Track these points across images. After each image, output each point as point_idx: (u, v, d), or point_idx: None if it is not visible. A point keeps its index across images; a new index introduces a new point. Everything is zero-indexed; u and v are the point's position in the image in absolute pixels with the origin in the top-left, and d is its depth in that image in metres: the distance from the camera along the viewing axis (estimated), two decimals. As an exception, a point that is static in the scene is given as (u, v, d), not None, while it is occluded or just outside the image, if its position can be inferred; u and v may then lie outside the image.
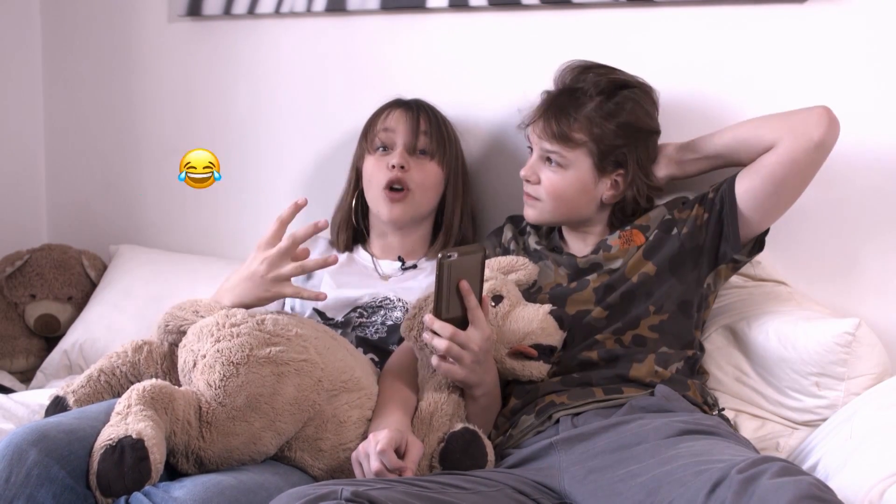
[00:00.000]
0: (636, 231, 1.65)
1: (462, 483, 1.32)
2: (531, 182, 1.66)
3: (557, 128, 1.60)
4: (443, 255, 1.40)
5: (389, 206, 1.77)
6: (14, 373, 2.22)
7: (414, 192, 1.78)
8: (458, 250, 1.42)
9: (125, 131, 2.38)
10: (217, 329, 1.41)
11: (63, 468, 1.22)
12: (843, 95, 1.70)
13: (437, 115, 1.85)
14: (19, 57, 2.44)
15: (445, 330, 1.43)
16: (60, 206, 2.51)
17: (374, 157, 1.80)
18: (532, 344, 1.52)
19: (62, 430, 1.26)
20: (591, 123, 1.60)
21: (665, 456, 1.28)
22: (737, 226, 1.58)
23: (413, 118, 1.80)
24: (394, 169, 1.76)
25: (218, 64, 2.24)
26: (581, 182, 1.63)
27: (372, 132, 1.82)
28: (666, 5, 1.81)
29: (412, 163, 1.78)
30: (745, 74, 1.77)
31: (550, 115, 1.62)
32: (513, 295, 1.57)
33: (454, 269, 1.42)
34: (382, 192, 1.77)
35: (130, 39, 2.34)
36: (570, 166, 1.62)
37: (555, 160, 1.63)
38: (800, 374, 1.59)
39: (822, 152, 1.53)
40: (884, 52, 1.67)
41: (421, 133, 1.79)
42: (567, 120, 1.60)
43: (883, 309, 1.69)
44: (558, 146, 1.61)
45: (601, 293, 1.60)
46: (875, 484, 1.22)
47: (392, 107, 1.84)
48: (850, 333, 1.54)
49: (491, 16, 1.96)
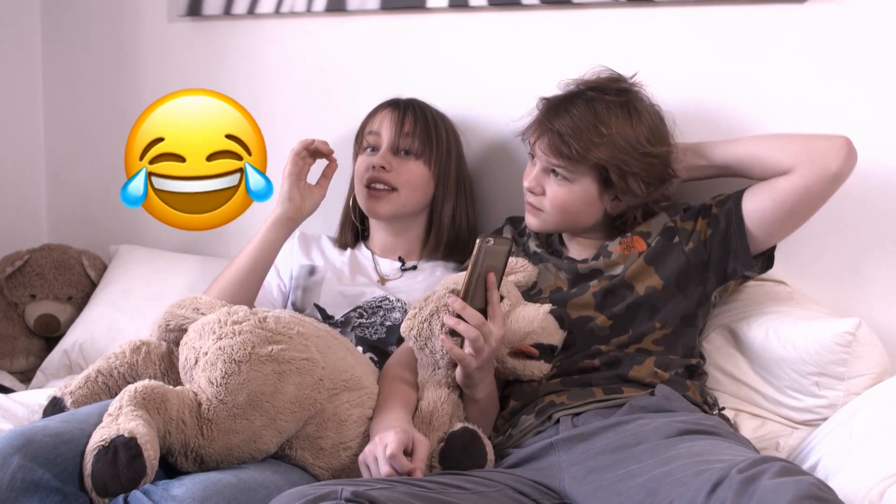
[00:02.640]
0: (637, 238, 1.64)
1: (462, 483, 1.32)
2: (535, 193, 1.64)
3: (567, 149, 1.56)
4: (482, 238, 1.42)
5: (369, 202, 1.81)
6: (14, 373, 2.22)
7: (400, 191, 1.80)
8: (495, 238, 1.43)
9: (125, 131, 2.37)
10: (219, 326, 1.41)
11: (49, 471, 1.22)
12: (843, 95, 1.70)
13: (428, 114, 1.85)
14: (19, 57, 2.43)
15: (476, 318, 1.43)
16: (60, 206, 2.51)
17: (363, 157, 1.83)
18: (533, 343, 1.52)
19: (48, 433, 1.26)
20: (602, 146, 1.55)
21: (665, 456, 1.28)
22: (746, 244, 1.58)
23: (398, 119, 1.81)
24: (374, 169, 1.78)
25: (218, 64, 2.24)
26: (587, 195, 1.62)
27: (362, 133, 1.86)
28: (666, 5, 1.81)
29: (396, 163, 1.80)
30: (744, 74, 1.77)
31: (560, 133, 1.57)
32: (513, 295, 1.57)
33: (487, 257, 1.43)
34: (364, 190, 1.81)
35: (130, 39, 2.34)
36: (576, 181, 1.60)
37: (561, 174, 1.61)
38: (800, 373, 1.59)
39: (837, 184, 1.53)
40: (884, 52, 1.67)
41: (404, 134, 1.80)
42: (579, 142, 1.55)
43: (883, 309, 1.70)
44: (566, 162, 1.59)
45: (600, 297, 1.59)
46: (875, 484, 1.22)
47: (382, 107, 1.86)
48: (850, 333, 1.54)
49: (491, 16, 1.96)
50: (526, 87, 1.73)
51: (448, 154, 1.85)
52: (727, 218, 1.59)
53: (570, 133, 1.56)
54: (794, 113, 1.74)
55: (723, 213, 1.59)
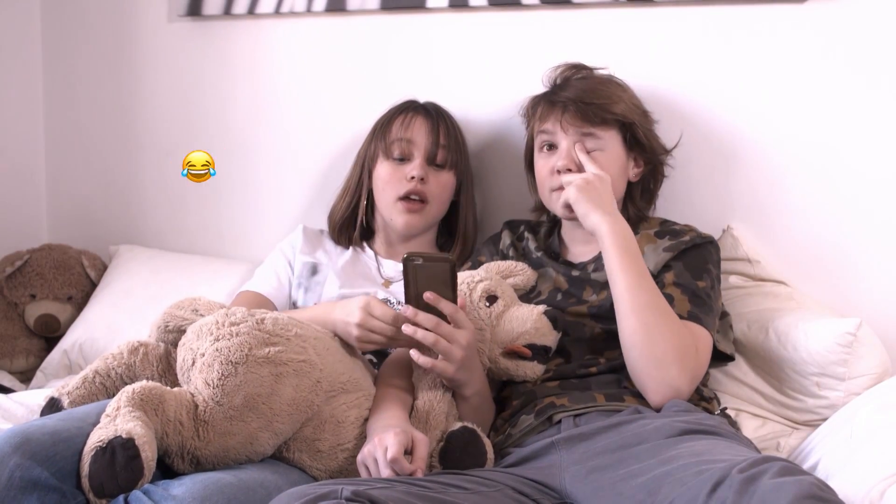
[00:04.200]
0: None
1: (462, 483, 1.32)
2: (572, 171, 1.62)
3: (593, 110, 1.60)
4: (408, 256, 1.41)
5: (406, 217, 1.78)
6: (14, 373, 2.22)
7: (431, 204, 1.79)
8: (424, 256, 1.43)
9: (125, 131, 2.38)
10: (216, 328, 1.41)
11: (47, 469, 1.22)
12: (843, 95, 1.70)
13: (454, 123, 1.85)
14: (19, 57, 2.44)
15: (429, 321, 1.42)
16: (60, 206, 2.51)
17: (391, 165, 1.80)
18: (526, 344, 1.52)
19: (46, 431, 1.26)
20: (620, 101, 1.62)
21: (666, 456, 1.27)
22: None
23: (433, 130, 1.79)
24: (413, 181, 1.76)
25: (218, 64, 2.24)
26: (619, 159, 1.64)
27: (388, 137, 1.81)
28: (666, 5, 1.81)
29: (430, 174, 1.78)
30: (744, 74, 1.77)
31: (580, 100, 1.61)
32: (507, 295, 1.57)
33: (420, 275, 1.42)
34: (399, 203, 1.78)
35: (130, 39, 2.34)
36: (607, 147, 1.63)
37: (591, 146, 1.62)
38: (800, 374, 1.59)
39: None
40: (884, 51, 1.67)
41: (441, 146, 1.79)
42: (600, 101, 1.60)
43: (883, 309, 1.69)
44: (596, 126, 1.61)
45: (597, 308, 1.59)
46: (875, 484, 1.22)
47: (410, 111, 1.82)
48: (851, 333, 1.54)
49: (491, 15, 1.96)
50: (526, 87, 1.73)
51: (466, 161, 1.85)
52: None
53: (588, 97, 1.61)
54: (793, 113, 1.74)
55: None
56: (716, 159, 1.79)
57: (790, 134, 1.75)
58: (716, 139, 1.79)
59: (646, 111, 1.69)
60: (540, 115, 1.66)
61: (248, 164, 2.23)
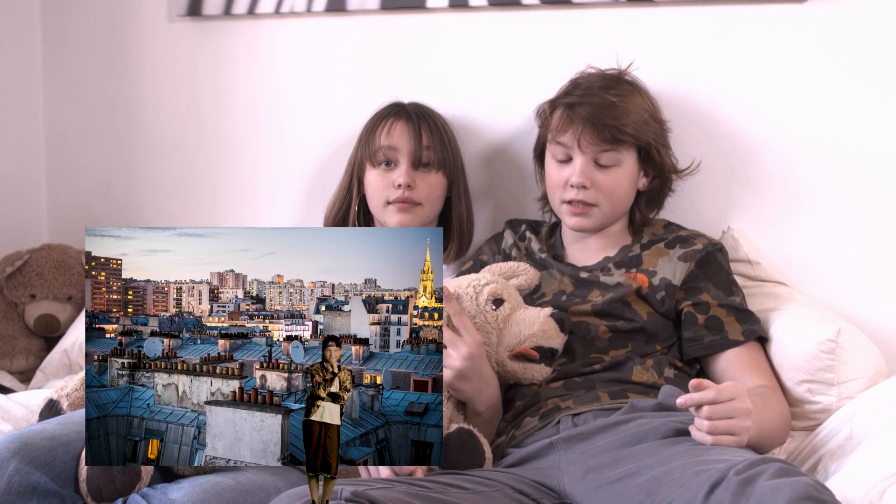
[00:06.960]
0: (641, 274, 1.64)
1: (462, 483, 1.32)
2: (586, 188, 1.63)
3: (612, 133, 1.60)
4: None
5: (398, 217, 1.78)
6: (14, 373, 2.22)
7: (424, 206, 1.79)
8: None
9: (125, 131, 2.38)
10: None
11: (45, 474, 1.22)
12: (843, 95, 1.70)
13: (437, 121, 1.83)
14: (19, 57, 2.43)
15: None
16: (60, 206, 2.51)
17: (378, 172, 1.80)
18: (533, 346, 1.52)
19: (45, 436, 1.26)
20: (637, 119, 1.61)
21: (664, 456, 1.28)
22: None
23: (415, 134, 1.78)
24: (400, 188, 1.76)
25: (218, 64, 2.24)
26: (632, 175, 1.66)
27: (373, 145, 1.81)
28: (666, 5, 1.81)
29: (417, 177, 1.78)
30: (745, 74, 1.77)
31: (599, 121, 1.60)
32: (513, 298, 1.57)
33: None
34: (390, 205, 1.78)
35: (130, 39, 2.33)
36: (622, 163, 1.63)
37: (606, 161, 1.62)
38: (792, 380, 1.58)
39: None
40: (884, 51, 1.67)
41: (424, 148, 1.78)
42: (617, 122, 1.60)
43: (883, 309, 1.69)
44: (616, 146, 1.61)
45: (599, 308, 1.59)
46: (875, 484, 1.22)
47: (392, 117, 1.82)
48: (832, 341, 1.54)
49: (491, 16, 1.96)
50: (526, 87, 1.73)
51: (455, 158, 1.84)
52: (699, 345, 1.59)
53: (606, 117, 1.60)
54: (793, 113, 1.74)
55: (704, 333, 1.59)
56: (716, 160, 1.79)
57: (790, 134, 1.75)
58: (716, 140, 1.79)
59: (662, 122, 1.69)
60: (557, 126, 1.65)
61: (247, 164, 2.23)
